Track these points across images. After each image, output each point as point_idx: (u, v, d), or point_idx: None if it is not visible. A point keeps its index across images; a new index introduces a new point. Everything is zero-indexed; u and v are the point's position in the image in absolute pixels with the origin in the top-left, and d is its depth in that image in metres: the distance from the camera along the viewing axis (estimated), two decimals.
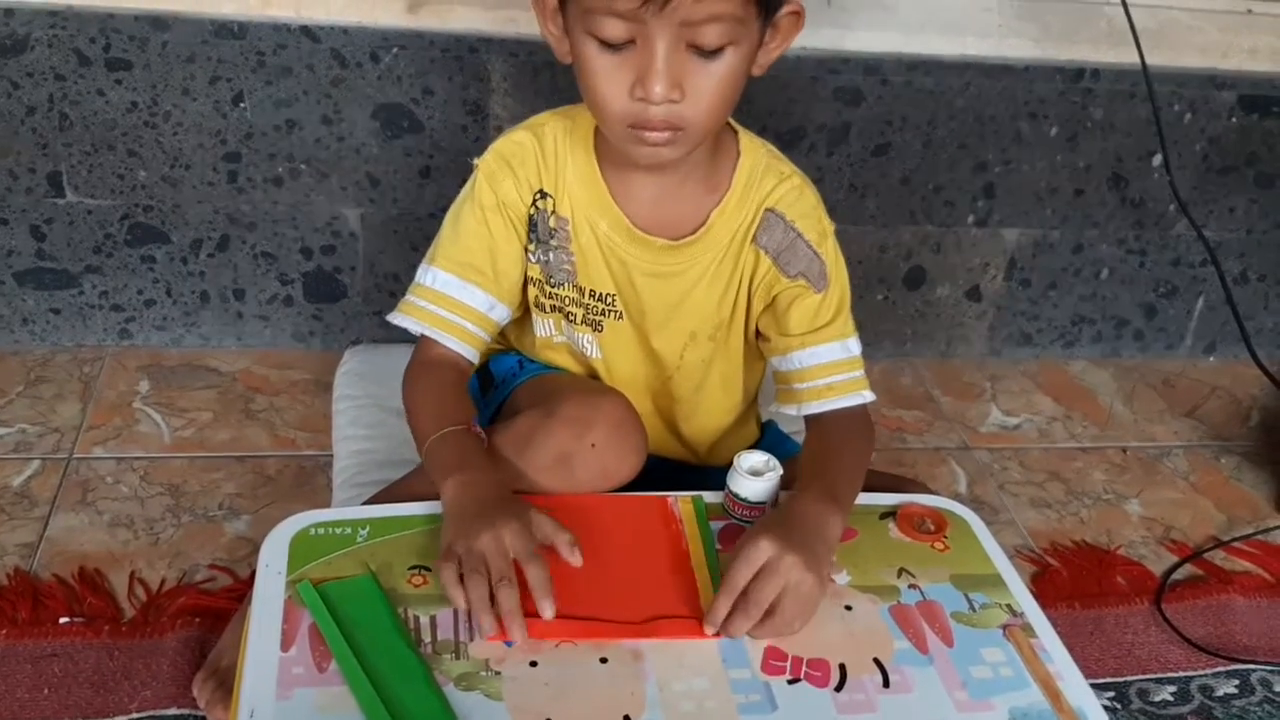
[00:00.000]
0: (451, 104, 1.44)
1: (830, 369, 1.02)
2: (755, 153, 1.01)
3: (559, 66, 1.42)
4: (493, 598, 0.80)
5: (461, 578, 0.82)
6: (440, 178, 1.48)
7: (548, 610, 0.81)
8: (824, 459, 0.98)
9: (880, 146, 1.57)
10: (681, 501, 0.97)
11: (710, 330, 1.05)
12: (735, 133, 1.01)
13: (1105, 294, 1.79)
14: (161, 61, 1.36)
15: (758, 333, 1.07)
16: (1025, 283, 1.74)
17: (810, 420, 1.04)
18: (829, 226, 1.03)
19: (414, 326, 1.00)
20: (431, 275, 1.00)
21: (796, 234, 1.00)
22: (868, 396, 1.03)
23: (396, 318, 1.01)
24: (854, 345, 1.04)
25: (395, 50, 1.39)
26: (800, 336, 1.02)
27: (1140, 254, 1.75)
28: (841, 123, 1.54)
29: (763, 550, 0.83)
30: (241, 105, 1.40)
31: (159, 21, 1.34)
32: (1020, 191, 1.65)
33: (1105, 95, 1.58)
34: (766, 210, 1.00)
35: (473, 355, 1.02)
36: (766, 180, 1.00)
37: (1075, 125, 1.61)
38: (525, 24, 1.38)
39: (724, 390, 1.10)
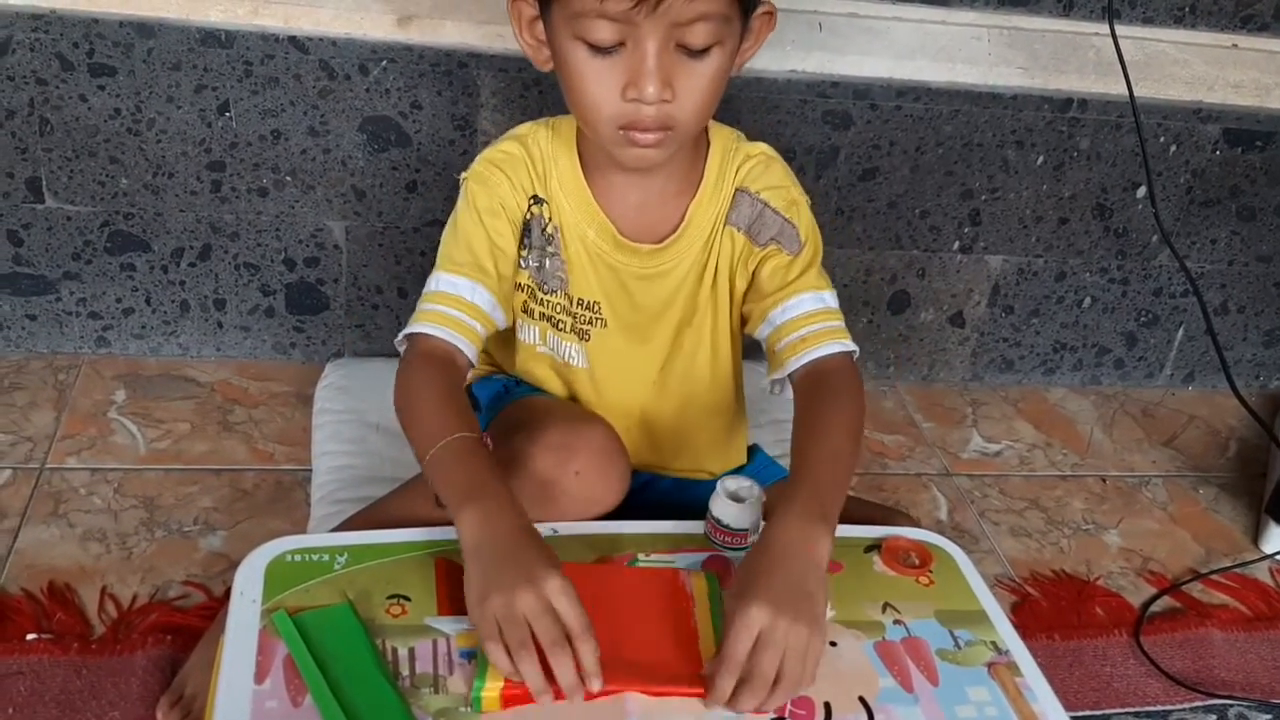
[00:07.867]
0: (440, 118, 1.43)
1: (804, 320, 0.99)
2: (725, 140, 1.03)
3: (548, 83, 1.42)
4: (543, 658, 0.77)
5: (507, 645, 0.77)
6: (426, 192, 1.47)
7: (595, 684, 0.77)
8: (810, 447, 0.92)
9: (868, 171, 1.57)
10: (694, 577, 0.92)
11: (693, 318, 1.05)
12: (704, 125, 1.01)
13: (1087, 322, 1.79)
14: (146, 68, 1.34)
15: (743, 320, 1.06)
16: (1008, 309, 1.75)
17: (796, 388, 0.99)
18: (801, 197, 1.03)
19: (421, 328, 0.95)
20: (437, 280, 0.98)
21: (763, 204, 1.01)
22: (848, 345, 0.99)
23: (410, 326, 0.96)
24: (829, 298, 1.01)
25: (384, 63, 1.38)
26: (772, 295, 1.01)
27: (1122, 283, 1.76)
28: (830, 146, 1.53)
29: (755, 619, 0.78)
30: (227, 114, 1.39)
31: (144, 28, 1.32)
32: (1005, 219, 1.66)
33: (1092, 125, 1.59)
34: (736, 190, 1.02)
35: (471, 353, 0.97)
36: (735, 162, 1.02)
37: (1061, 154, 1.61)
38: (516, 40, 1.37)
39: (711, 381, 1.09)
